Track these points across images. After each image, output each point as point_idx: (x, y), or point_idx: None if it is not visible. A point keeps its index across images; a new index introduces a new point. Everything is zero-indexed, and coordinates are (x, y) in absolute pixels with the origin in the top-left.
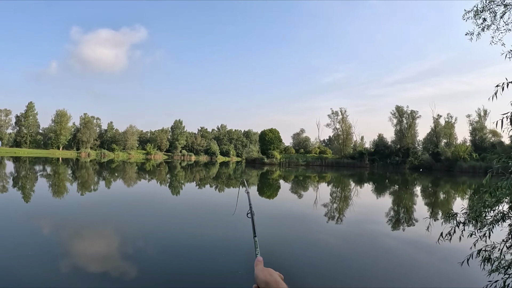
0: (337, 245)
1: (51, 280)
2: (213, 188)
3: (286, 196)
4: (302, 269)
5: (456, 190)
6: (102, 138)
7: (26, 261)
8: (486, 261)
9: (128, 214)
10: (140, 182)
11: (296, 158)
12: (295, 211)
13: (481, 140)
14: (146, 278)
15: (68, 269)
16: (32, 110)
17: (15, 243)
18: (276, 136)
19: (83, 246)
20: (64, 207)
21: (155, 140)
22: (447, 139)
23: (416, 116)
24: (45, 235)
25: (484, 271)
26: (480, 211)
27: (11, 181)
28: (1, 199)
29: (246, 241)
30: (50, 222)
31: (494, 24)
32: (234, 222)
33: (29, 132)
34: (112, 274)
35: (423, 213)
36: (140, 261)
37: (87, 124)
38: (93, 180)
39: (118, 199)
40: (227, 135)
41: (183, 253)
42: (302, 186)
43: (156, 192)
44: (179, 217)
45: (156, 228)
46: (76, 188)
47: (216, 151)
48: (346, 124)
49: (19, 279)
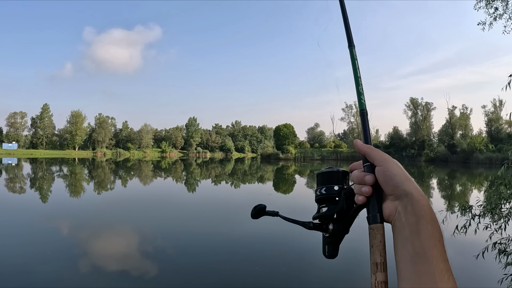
0: (354, 239)
1: (70, 279)
2: (229, 185)
3: (302, 191)
4: (317, 265)
5: (472, 182)
6: (117, 138)
7: (45, 260)
8: (502, 254)
9: (146, 212)
10: (156, 180)
11: (311, 152)
12: (311, 206)
13: (497, 131)
14: (165, 277)
15: (86, 269)
16: (47, 111)
17: (34, 243)
18: (291, 131)
19: (102, 245)
20: (82, 207)
21: (170, 138)
22: (462, 130)
23: (431, 108)
24: (63, 234)
25: (499, 264)
26: (495, 203)
27: (28, 182)
28: (20, 200)
29: (263, 238)
30: (68, 222)
31: (506, 13)
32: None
33: (45, 134)
34: (130, 273)
35: (440, 206)
36: (159, 260)
37: (102, 124)
38: (109, 180)
39: (135, 198)
40: (241, 132)
41: (201, 251)
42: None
43: (172, 190)
44: (196, 215)
45: (174, 226)
46: (93, 188)
47: (231, 147)
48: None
49: (39, 278)
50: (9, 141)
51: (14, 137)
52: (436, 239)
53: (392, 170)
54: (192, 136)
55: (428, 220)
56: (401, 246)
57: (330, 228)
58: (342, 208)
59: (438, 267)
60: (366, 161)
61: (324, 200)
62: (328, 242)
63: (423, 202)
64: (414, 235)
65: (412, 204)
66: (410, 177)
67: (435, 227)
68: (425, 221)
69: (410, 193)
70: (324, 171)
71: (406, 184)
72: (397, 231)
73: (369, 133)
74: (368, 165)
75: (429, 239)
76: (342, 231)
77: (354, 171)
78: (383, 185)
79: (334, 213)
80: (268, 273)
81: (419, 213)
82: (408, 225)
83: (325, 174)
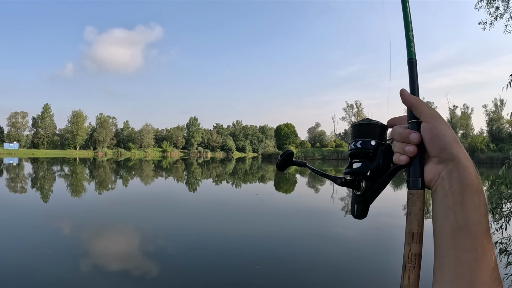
0: (356, 238)
1: (71, 278)
2: (230, 185)
3: (303, 190)
4: (319, 265)
5: None
6: (118, 137)
7: (46, 260)
8: (503, 253)
9: (147, 212)
10: (157, 180)
11: (312, 152)
12: (312, 206)
13: (498, 131)
14: (166, 277)
15: (88, 268)
16: (48, 111)
17: (35, 242)
18: (292, 130)
19: (103, 245)
20: (83, 207)
21: (171, 138)
22: (463, 130)
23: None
24: (64, 234)
25: (500, 264)
26: (496, 203)
27: (30, 181)
28: (21, 199)
29: (264, 238)
30: (69, 221)
31: (507, 13)
32: (251, 219)
33: (46, 134)
34: (131, 273)
35: None
36: (160, 259)
37: (103, 124)
38: (110, 179)
39: (136, 197)
40: (242, 131)
41: (202, 251)
42: (319, 180)
43: (173, 190)
44: (197, 215)
45: (175, 226)
46: (94, 187)
47: (232, 147)
48: (361, 117)
49: (40, 278)
50: (10, 141)
51: (15, 137)
52: (482, 213)
53: (441, 129)
54: (193, 135)
55: (474, 190)
56: (442, 217)
57: (363, 186)
58: (378, 165)
59: (481, 244)
60: (411, 117)
61: (358, 155)
62: (358, 201)
63: (471, 170)
64: (458, 205)
65: (459, 170)
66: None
67: (481, 200)
68: (472, 191)
69: (457, 157)
70: (361, 123)
71: (455, 147)
72: (438, 199)
73: (418, 86)
74: (414, 122)
75: (474, 211)
76: (376, 190)
77: (396, 127)
78: (429, 145)
79: (368, 170)
80: (268, 273)
81: (465, 181)
82: (452, 194)
83: (362, 126)
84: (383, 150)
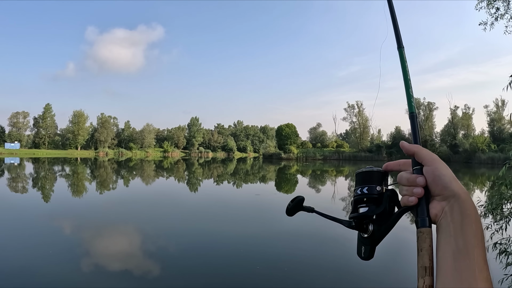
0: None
1: (72, 279)
2: (231, 185)
3: (304, 191)
4: (320, 265)
5: (474, 182)
6: (120, 137)
7: (48, 260)
8: (503, 254)
9: (148, 212)
10: (158, 180)
11: (313, 152)
12: (313, 206)
13: (499, 131)
14: (167, 276)
15: (89, 268)
16: (49, 111)
17: (36, 242)
18: (293, 131)
19: (104, 245)
20: (84, 206)
21: (172, 138)
22: (464, 130)
23: (433, 108)
24: (65, 234)
25: (500, 264)
26: (497, 204)
27: (31, 181)
28: (22, 199)
29: (264, 238)
30: (70, 221)
31: (507, 14)
32: (251, 219)
33: (47, 133)
34: (133, 273)
35: None
36: (161, 259)
37: (104, 124)
38: (112, 179)
39: (137, 197)
40: (244, 131)
41: (202, 250)
42: (320, 181)
43: (174, 190)
44: (198, 215)
45: (176, 226)
46: (95, 188)
47: (233, 147)
48: (362, 117)
49: (41, 278)
50: (11, 140)
51: (16, 137)
52: (479, 238)
53: (441, 170)
54: (194, 135)
55: (473, 219)
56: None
57: (370, 229)
58: (384, 209)
59: (479, 264)
60: (415, 164)
61: (364, 200)
62: (365, 243)
63: (469, 202)
64: (458, 232)
65: (459, 204)
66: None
67: (478, 227)
68: (470, 220)
69: (457, 194)
70: (365, 171)
71: (454, 184)
72: (441, 230)
73: (419, 135)
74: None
75: (472, 237)
76: (383, 232)
77: (402, 173)
78: (432, 186)
79: (375, 214)
80: (269, 273)
81: (465, 212)
82: (453, 223)
83: (366, 173)
84: (388, 194)
